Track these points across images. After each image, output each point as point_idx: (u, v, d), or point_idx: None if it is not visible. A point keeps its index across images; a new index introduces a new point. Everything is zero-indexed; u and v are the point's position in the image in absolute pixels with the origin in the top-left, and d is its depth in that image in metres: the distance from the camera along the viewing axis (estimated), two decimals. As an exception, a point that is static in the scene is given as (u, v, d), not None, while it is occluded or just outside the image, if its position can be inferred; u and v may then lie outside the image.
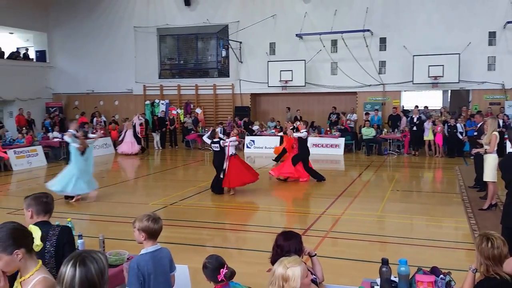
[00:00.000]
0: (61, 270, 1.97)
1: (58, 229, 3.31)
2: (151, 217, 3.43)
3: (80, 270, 1.93)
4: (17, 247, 2.37)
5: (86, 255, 1.99)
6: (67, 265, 1.95)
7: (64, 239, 3.27)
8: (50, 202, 3.45)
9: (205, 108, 21.02)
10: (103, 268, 1.99)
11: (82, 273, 1.92)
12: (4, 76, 20.15)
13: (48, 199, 3.44)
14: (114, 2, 22.00)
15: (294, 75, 18.99)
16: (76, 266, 1.93)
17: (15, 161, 14.58)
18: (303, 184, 11.61)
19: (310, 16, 19.27)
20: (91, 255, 2.00)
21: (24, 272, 2.42)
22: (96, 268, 1.96)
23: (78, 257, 1.97)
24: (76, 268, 1.93)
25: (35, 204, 3.37)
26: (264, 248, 6.50)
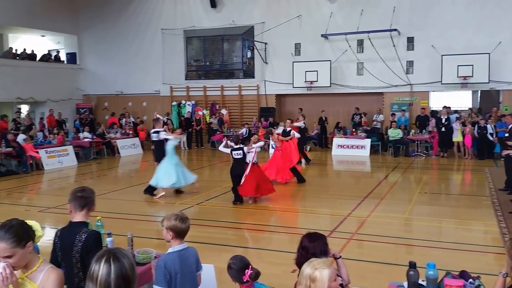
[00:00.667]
0: (93, 269, 1.96)
1: (85, 236, 3.21)
2: (179, 216, 3.46)
3: (115, 265, 1.93)
4: (28, 239, 2.42)
5: (116, 251, 2.01)
6: (100, 262, 1.95)
7: (89, 246, 3.17)
8: (87, 197, 3.35)
9: (231, 109, 21.15)
10: (133, 263, 2.01)
11: (117, 269, 1.93)
12: (36, 78, 20.79)
13: (83, 193, 3.35)
14: (142, 5, 22.38)
15: (319, 75, 18.90)
16: (110, 262, 1.94)
17: (47, 161, 15.00)
18: (328, 185, 11.54)
19: (335, 16, 19.14)
20: (120, 251, 2.01)
21: (31, 265, 2.46)
22: (128, 263, 1.98)
23: (110, 254, 1.98)
24: (111, 264, 1.93)
25: (72, 199, 3.34)
26: (288, 249, 6.50)
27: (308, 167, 14.66)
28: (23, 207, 9.89)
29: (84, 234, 3.20)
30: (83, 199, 3.33)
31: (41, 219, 8.60)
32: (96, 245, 3.18)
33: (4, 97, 19.75)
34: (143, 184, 12.09)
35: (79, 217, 3.33)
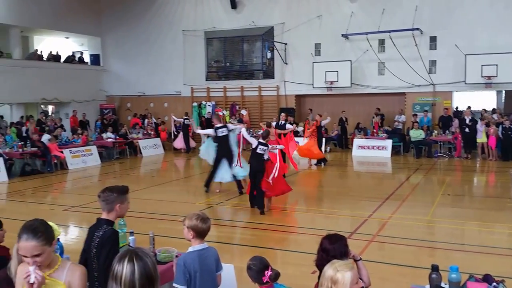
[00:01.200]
0: (116, 269, 1.98)
1: (102, 232, 3.29)
2: (200, 216, 3.49)
3: (138, 264, 1.95)
4: (53, 237, 2.48)
5: (138, 250, 2.02)
6: (123, 262, 1.97)
7: (103, 242, 3.24)
8: (105, 199, 3.43)
9: (250, 109, 21.19)
10: (155, 261, 2.04)
11: (141, 267, 1.95)
12: (61, 79, 21.22)
13: (103, 195, 3.43)
14: (163, 7, 22.63)
15: (339, 76, 18.79)
16: (133, 261, 1.95)
17: (71, 160, 15.30)
18: (348, 186, 11.45)
19: (356, 16, 19.00)
20: (142, 251, 2.03)
21: (53, 264, 2.49)
22: (151, 261, 2.00)
23: (132, 253, 1.99)
24: (134, 263, 1.95)
25: (99, 200, 3.47)
26: (308, 250, 6.49)
27: (328, 168, 14.58)
28: (48, 205, 10.11)
29: (101, 230, 3.29)
30: (102, 203, 3.44)
31: (65, 218, 8.80)
32: (110, 241, 3.24)
33: (30, 98, 20.23)
34: (164, 184, 12.24)
35: (105, 215, 3.44)
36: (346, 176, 14.15)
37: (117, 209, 3.44)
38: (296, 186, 10.47)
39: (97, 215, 3.55)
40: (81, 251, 3.46)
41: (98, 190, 3.56)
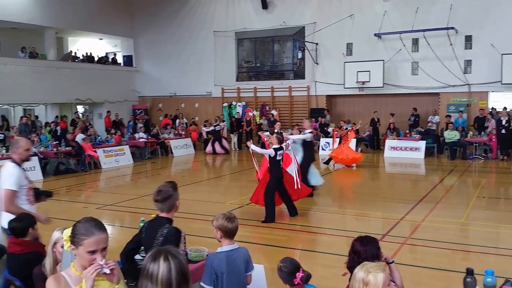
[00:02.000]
0: (151, 268, 1.97)
1: (167, 230, 3.39)
2: (226, 215, 3.53)
3: (174, 262, 1.97)
4: None
5: (170, 249, 2.04)
6: (159, 261, 1.97)
7: (169, 240, 3.32)
8: (160, 201, 3.50)
9: (281, 110, 21.16)
10: (186, 259, 2.07)
11: (177, 265, 1.97)
12: (94, 79, 21.77)
13: (157, 197, 3.51)
14: (195, 8, 22.88)
15: (371, 75, 18.52)
16: (169, 260, 1.97)
17: (104, 160, 15.65)
18: (380, 188, 11.28)
19: (389, 15, 18.68)
20: (173, 249, 2.05)
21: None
22: (184, 259, 2.03)
23: (166, 252, 2.01)
24: (170, 261, 1.97)
25: (157, 203, 3.54)
26: (338, 252, 6.42)
27: (359, 169, 14.40)
28: (81, 204, 10.38)
29: (166, 229, 3.38)
30: (157, 203, 3.52)
31: (99, 216, 8.92)
32: (175, 240, 3.34)
33: (64, 98, 20.84)
34: (195, 184, 12.36)
35: (164, 214, 3.53)
36: (377, 177, 13.94)
37: (177, 205, 3.56)
38: (327, 187, 10.39)
39: (129, 214, 3.63)
40: (127, 246, 3.57)
41: (130, 189, 3.64)
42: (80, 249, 2.33)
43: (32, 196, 4.78)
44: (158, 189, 3.58)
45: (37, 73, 19.24)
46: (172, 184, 3.63)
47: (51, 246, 3.44)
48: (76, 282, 2.36)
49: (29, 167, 13.21)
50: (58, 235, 3.46)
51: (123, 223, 8.55)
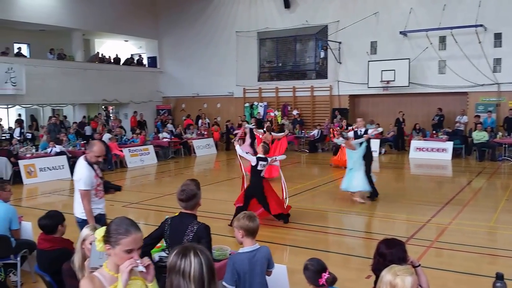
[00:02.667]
0: (181, 264, 2.01)
1: (197, 226, 3.45)
2: (247, 215, 3.56)
3: (204, 258, 2.02)
4: None
5: (196, 246, 2.09)
6: (189, 257, 2.02)
7: (200, 236, 3.41)
8: (185, 200, 3.56)
9: (302, 110, 21.04)
10: (212, 264, 2.10)
11: (206, 261, 2.02)
12: (120, 80, 22.13)
13: (182, 196, 3.57)
14: (218, 9, 22.98)
15: (396, 74, 18.22)
16: (199, 256, 2.02)
17: (130, 159, 15.87)
18: (405, 189, 11.06)
19: (415, 12, 18.33)
20: (199, 246, 2.10)
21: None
22: (210, 255, 2.08)
23: (196, 249, 2.06)
24: (200, 257, 2.02)
25: (182, 202, 3.61)
26: (362, 254, 6.34)
27: (384, 170, 14.19)
28: (108, 201, 10.38)
29: (196, 225, 3.47)
30: (181, 201, 3.59)
31: (124, 214, 9.08)
32: (207, 235, 3.45)
33: (91, 99, 21.24)
34: (217, 183, 12.41)
35: (189, 210, 3.59)
36: (402, 179, 13.69)
37: (200, 203, 3.62)
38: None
39: (154, 212, 3.66)
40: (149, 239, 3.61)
41: (154, 188, 3.68)
42: (117, 249, 2.35)
43: (100, 191, 5.11)
44: (182, 188, 3.62)
45: (65, 74, 19.66)
46: (195, 182, 3.67)
47: (80, 243, 3.52)
48: (110, 282, 2.37)
49: (58, 165, 13.58)
50: (87, 232, 3.54)
51: (148, 221, 8.64)
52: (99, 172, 5.14)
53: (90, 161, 4.98)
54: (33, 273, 5.51)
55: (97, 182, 5.04)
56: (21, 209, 8.98)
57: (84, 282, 2.40)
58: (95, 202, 4.98)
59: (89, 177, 4.91)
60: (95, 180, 4.99)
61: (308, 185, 11.74)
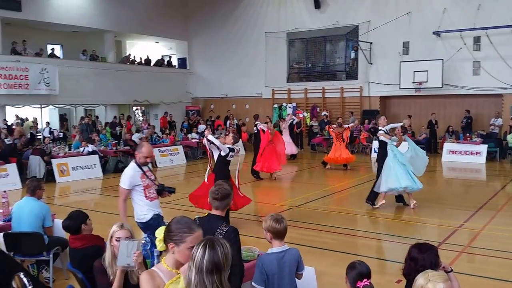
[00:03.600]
0: (193, 251, 2.20)
1: (225, 229, 3.45)
2: (274, 217, 3.54)
3: (209, 251, 2.15)
4: None
5: (215, 239, 2.24)
6: (199, 247, 2.19)
7: (230, 238, 3.36)
8: (219, 199, 3.57)
9: (332, 111, 20.84)
10: (228, 253, 2.20)
11: (211, 254, 2.14)
12: (151, 81, 22.46)
13: (217, 195, 3.58)
14: (247, 10, 23.05)
15: (429, 76, 17.80)
16: (205, 248, 2.16)
17: (159, 159, 16.08)
18: (437, 193, 10.79)
19: (449, 12, 17.88)
20: (219, 241, 2.23)
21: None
22: (222, 251, 2.17)
23: (208, 241, 2.21)
24: (206, 249, 2.15)
25: (216, 201, 3.63)
26: (392, 258, 6.20)
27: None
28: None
29: (224, 228, 3.46)
30: (214, 202, 3.60)
31: (152, 213, 9.23)
32: (236, 238, 3.43)
33: (123, 99, 21.65)
34: (245, 184, 12.37)
35: (218, 212, 3.60)
36: (434, 182, 13.35)
37: (227, 206, 3.63)
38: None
39: (183, 212, 3.68)
40: None
41: (184, 188, 3.71)
42: (181, 246, 2.51)
43: (152, 193, 5.18)
44: (217, 188, 3.64)
45: (97, 75, 20.10)
46: (228, 183, 3.67)
47: (109, 240, 3.57)
48: (168, 277, 2.54)
49: (90, 165, 13.89)
50: (114, 229, 3.61)
51: (200, 220, 8.68)
52: (150, 174, 5.19)
53: (139, 162, 5.09)
54: (64, 270, 5.63)
55: (144, 183, 5.08)
56: (53, 207, 9.21)
57: (144, 277, 2.55)
58: (147, 204, 5.10)
59: (131, 177, 5.02)
60: (140, 181, 5.06)
61: (336, 187, 11.61)
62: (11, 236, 5.37)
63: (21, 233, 5.37)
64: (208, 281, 2.13)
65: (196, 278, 2.13)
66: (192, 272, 2.16)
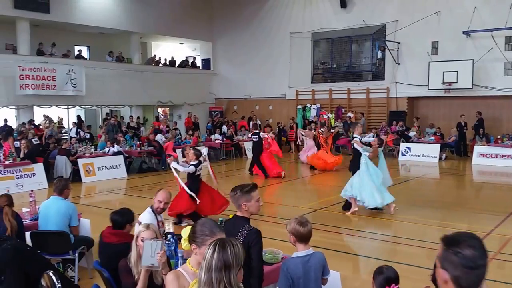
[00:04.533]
0: (205, 251, 2.28)
1: (247, 231, 3.41)
2: (298, 220, 3.49)
3: (219, 251, 2.19)
4: None
5: (226, 240, 2.29)
6: (210, 246, 2.24)
7: (251, 242, 3.35)
8: (232, 198, 3.56)
9: (357, 112, 20.54)
10: (238, 253, 2.23)
11: (220, 254, 2.19)
12: (175, 82, 22.62)
13: (231, 194, 3.56)
14: (272, 10, 22.95)
15: (459, 76, 17.34)
16: (216, 247, 2.21)
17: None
18: (467, 197, 10.45)
19: (480, 11, 17.37)
20: (230, 241, 2.26)
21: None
22: (232, 250, 2.21)
23: (220, 241, 2.26)
24: (216, 249, 2.20)
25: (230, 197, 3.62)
26: (419, 264, 6.00)
27: (443, 177, 13.53)
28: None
29: (246, 229, 3.41)
30: (235, 200, 3.55)
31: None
32: (257, 241, 3.38)
33: (147, 100, 21.86)
34: (267, 186, 12.29)
35: (239, 213, 3.55)
36: (463, 186, 12.98)
37: (243, 207, 3.51)
38: (407, 194, 9.83)
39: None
40: None
41: (237, 187, 3.63)
42: (202, 248, 2.62)
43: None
44: (233, 187, 3.62)
45: (123, 76, 20.35)
46: (245, 186, 3.61)
47: (134, 240, 3.58)
48: (193, 277, 2.64)
49: (115, 165, 14.04)
50: (140, 229, 3.62)
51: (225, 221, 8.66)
52: (162, 225, 5.12)
53: (154, 207, 5.06)
54: (89, 269, 5.65)
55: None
56: (79, 206, 9.30)
57: (170, 277, 2.68)
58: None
59: (149, 220, 4.81)
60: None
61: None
62: (38, 234, 5.43)
63: (48, 232, 5.42)
64: (216, 279, 2.16)
65: (205, 276, 2.18)
66: (202, 270, 2.20)
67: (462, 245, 1.81)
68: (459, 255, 1.79)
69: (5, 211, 5.09)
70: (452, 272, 1.80)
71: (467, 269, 1.79)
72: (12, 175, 11.58)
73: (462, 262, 1.79)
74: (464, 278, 1.79)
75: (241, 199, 3.48)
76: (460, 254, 1.79)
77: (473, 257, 1.80)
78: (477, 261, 1.80)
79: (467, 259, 1.79)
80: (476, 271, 1.80)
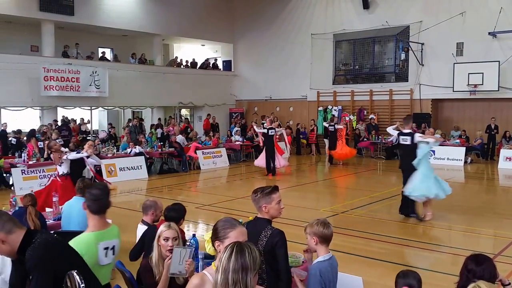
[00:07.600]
0: (221, 253, 2.30)
1: (270, 232, 3.38)
2: (320, 221, 3.48)
3: (236, 255, 2.19)
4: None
5: (244, 243, 2.28)
6: (226, 248, 2.24)
7: (274, 242, 3.32)
8: (253, 200, 3.54)
9: (380, 114, 20.25)
10: (256, 257, 2.22)
11: (237, 258, 2.18)
12: (196, 84, 22.73)
13: (252, 196, 3.54)
14: (293, 11, 22.84)
15: (485, 78, 16.93)
16: (233, 250, 2.21)
17: (203, 161, 16.17)
18: (494, 202, 10.15)
19: (506, 12, 16.91)
20: (248, 245, 2.26)
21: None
22: (249, 253, 2.21)
23: (237, 245, 2.25)
24: (233, 251, 2.20)
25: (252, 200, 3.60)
26: (443, 270, 5.84)
27: (468, 181, 13.20)
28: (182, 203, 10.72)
29: (269, 231, 3.39)
30: (255, 202, 3.55)
31: (197, 215, 9.26)
32: (282, 242, 3.35)
33: (169, 102, 22.03)
34: (288, 188, 12.19)
35: (260, 215, 3.53)
36: (490, 190, 12.64)
37: (263, 209, 3.48)
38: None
39: (225, 215, 3.60)
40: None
41: (226, 191, 3.67)
42: (226, 242, 2.64)
43: None
44: (255, 189, 3.61)
45: (145, 78, 20.56)
46: (266, 188, 3.59)
47: (156, 240, 3.58)
48: None
49: (136, 165, 14.16)
50: (162, 229, 3.62)
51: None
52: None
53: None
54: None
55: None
56: (101, 205, 9.38)
57: (194, 281, 2.66)
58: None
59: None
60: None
61: (385, 193, 11.17)
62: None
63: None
64: (232, 280, 2.15)
65: (221, 277, 2.18)
66: (218, 272, 2.20)
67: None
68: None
69: (29, 211, 5.15)
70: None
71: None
72: (36, 175, 11.76)
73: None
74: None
75: (261, 201, 3.44)
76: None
77: None
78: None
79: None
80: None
